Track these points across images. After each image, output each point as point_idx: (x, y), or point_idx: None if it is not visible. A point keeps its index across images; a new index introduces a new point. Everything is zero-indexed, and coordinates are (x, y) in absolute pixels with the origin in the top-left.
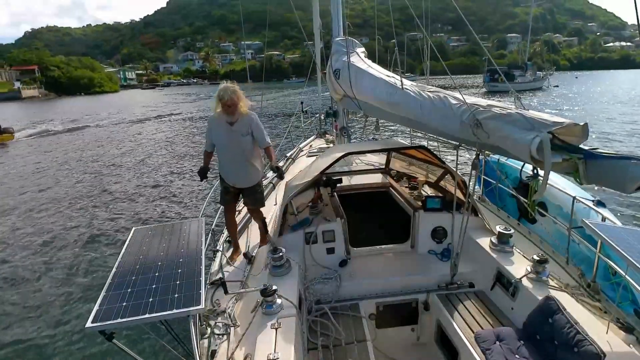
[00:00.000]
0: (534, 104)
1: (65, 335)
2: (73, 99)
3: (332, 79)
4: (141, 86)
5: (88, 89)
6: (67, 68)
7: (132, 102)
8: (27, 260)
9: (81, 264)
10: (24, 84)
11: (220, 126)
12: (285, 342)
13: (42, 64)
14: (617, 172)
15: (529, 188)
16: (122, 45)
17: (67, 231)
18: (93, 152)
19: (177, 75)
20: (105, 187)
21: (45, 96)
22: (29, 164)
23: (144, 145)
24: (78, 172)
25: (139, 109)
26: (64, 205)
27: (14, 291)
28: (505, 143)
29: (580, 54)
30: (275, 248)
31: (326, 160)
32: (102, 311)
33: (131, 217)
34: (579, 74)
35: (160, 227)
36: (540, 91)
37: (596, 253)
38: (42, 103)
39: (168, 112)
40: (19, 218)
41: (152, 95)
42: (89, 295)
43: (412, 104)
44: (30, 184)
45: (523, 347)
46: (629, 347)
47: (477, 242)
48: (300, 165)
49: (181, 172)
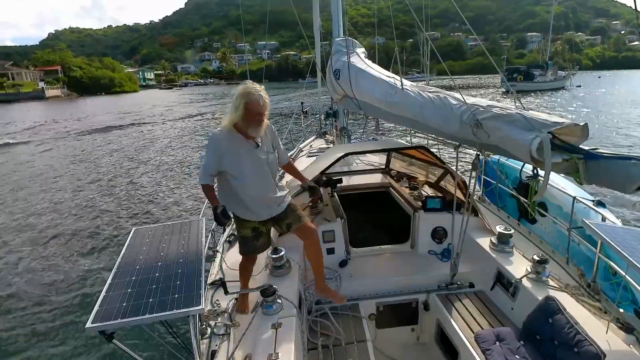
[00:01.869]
0: (551, 105)
1: (65, 336)
2: (94, 99)
3: (332, 79)
4: (159, 86)
5: (108, 89)
6: (88, 68)
7: (150, 101)
8: (27, 260)
9: (81, 264)
10: (47, 84)
11: (240, 147)
12: (285, 342)
13: (65, 65)
14: (617, 172)
15: (529, 188)
16: (141, 46)
17: (67, 231)
18: (93, 152)
19: (194, 75)
20: (105, 187)
21: (67, 96)
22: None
23: (147, 145)
24: (79, 172)
25: (158, 109)
26: (64, 204)
27: (14, 291)
28: (505, 143)
29: (603, 53)
30: (275, 248)
31: (326, 160)
32: (102, 311)
33: (131, 217)
34: (601, 74)
35: (161, 227)
36: (562, 91)
37: (596, 253)
38: (65, 102)
39: (183, 112)
40: (18, 216)
41: (170, 95)
42: (89, 295)
43: (412, 104)
44: (30, 184)
45: (523, 347)
46: (629, 347)
47: (477, 242)
48: (300, 165)
49: (181, 171)
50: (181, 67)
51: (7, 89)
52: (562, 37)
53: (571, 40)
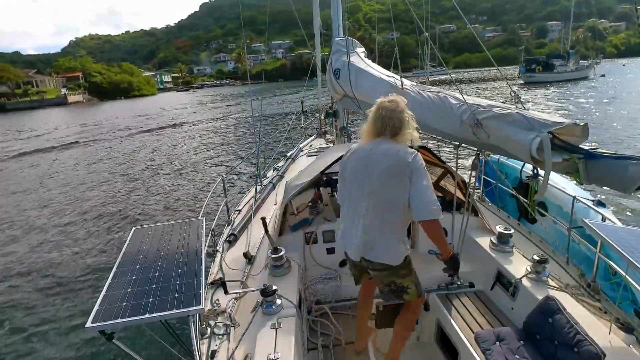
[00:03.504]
0: (573, 96)
1: (65, 335)
2: (114, 103)
3: (332, 78)
4: (176, 89)
5: (127, 93)
6: (108, 74)
7: (168, 104)
8: (27, 260)
9: (81, 264)
10: (69, 90)
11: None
12: (285, 342)
13: (86, 71)
14: (618, 172)
15: (529, 188)
16: (158, 50)
17: (67, 231)
18: (93, 152)
19: (210, 77)
20: (105, 187)
21: (88, 101)
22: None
23: (152, 146)
24: (80, 172)
25: (175, 112)
26: (64, 205)
27: (14, 291)
28: (505, 143)
29: (628, 39)
30: (275, 248)
31: (326, 160)
32: (102, 311)
33: (131, 217)
34: (625, 62)
35: (160, 227)
36: (584, 81)
37: (596, 253)
38: (87, 107)
39: (201, 114)
40: (17, 215)
41: (186, 97)
42: (88, 295)
43: (412, 103)
44: (33, 181)
45: (523, 347)
46: (629, 347)
47: (477, 242)
48: (300, 165)
49: (182, 172)
50: (197, 69)
51: (32, 96)
52: (584, 24)
53: (594, 27)
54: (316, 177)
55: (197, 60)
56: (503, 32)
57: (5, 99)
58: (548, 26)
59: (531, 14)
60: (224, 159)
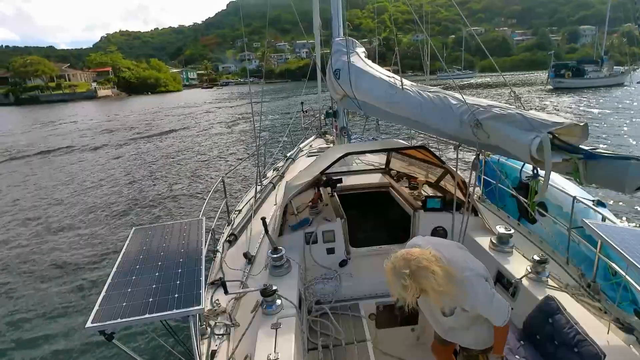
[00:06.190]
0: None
1: (65, 335)
2: (141, 98)
3: (332, 78)
4: (201, 86)
5: (154, 89)
6: (136, 69)
7: (192, 101)
8: (27, 259)
9: (81, 264)
10: (99, 84)
11: None
12: (285, 342)
13: (115, 66)
14: (617, 172)
15: (529, 188)
16: (185, 47)
17: (67, 231)
18: (91, 153)
19: (234, 74)
20: (105, 187)
21: (117, 95)
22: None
23: (156, 145)
24: (80, 172)
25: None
26: (63, 205)
27: (14, 291)
28: (505, 143)
29: None
30: (275, 248)
31: (326, 160)
32: (102, 311)
33: (131, 217)
34: None
35: (160, 227)
36: (620, 88)
37: (596, 253)
38: (116, 101)
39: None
40: (18, 215)
41: (210, 94)
42: (89, 295)
43: (412, 104)
44: (33, 181)
45: (523, 347)
46: (629, 347)
47: (477, 242)
48: (300, 165)
49: (182, 171)
50: (222, 66)
51: (64, 89)
52: (619, 29)
53: (630, 32)
54: (316, 177)
55: (222, 58)
56: (533, 36)
57: (39, 92)
58: (580, 30)
59: (563, 18)
60: (224, 159)
